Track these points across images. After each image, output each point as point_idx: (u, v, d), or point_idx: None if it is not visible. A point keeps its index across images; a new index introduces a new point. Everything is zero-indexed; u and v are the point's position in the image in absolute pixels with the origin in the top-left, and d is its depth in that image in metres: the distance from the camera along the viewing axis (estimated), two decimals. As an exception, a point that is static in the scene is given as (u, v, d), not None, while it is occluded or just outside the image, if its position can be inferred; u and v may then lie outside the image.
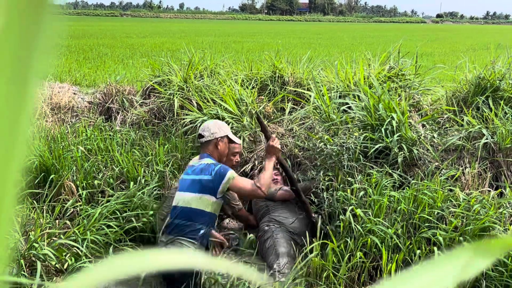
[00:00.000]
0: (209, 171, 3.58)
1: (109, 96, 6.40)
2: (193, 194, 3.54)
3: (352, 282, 3.30)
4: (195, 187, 3.55)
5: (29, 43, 0.27)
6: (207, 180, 3.56)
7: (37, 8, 0.27)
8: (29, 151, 4.19)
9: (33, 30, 0.27)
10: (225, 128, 3.92)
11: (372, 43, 23.03)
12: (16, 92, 0.27)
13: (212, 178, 3.55)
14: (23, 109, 0.28)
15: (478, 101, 4.66)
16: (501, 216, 3.45)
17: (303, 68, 5.86)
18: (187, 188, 3.58)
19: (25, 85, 0.27)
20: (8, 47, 0.26)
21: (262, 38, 27.90)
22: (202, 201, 3.53)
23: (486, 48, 17.15)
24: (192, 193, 3.54)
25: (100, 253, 3.61)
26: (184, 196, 3.56)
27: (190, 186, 3.58)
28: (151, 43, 21.26)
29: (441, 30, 52.37)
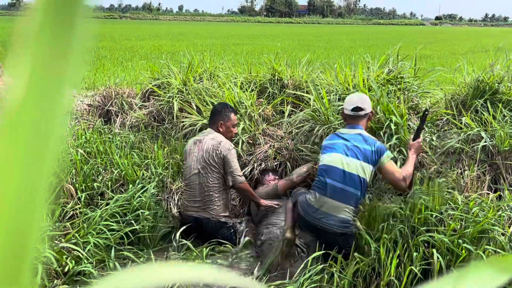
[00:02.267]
0: (371, 143, 3.79)
1: (108, 98, 6.40)
2: (359, 161, 3.75)
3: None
4: (359, 154, 3.76)
5: (63, 48, 0.27)
6: (369, 150, 3.76)
7: (71, 11, 0.27)
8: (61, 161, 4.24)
9: (67, 34, 0.27)
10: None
11: (371, 46, 23.06)
12: (50, 101, 0.28)
13: (374, 150, 3.76)
14: (57, 117, 0.28)
15: (476, 104, 4.67)
16: (500, 219, 3.45)
17: (302, 71, 5.86)
18: (351, 155, 3.78)
19: (59, 92, 0.28)
20: (42, 53, 0.27)
21: (261, 41, 27.93)
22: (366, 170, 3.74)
23: (485, 51, 17.18)
24: (357, 160, 3.75)
25: (101, 256, 3.61)
26: (349, 160, 3.77)
27: (355, 152, 3.77)
28: (150, 45, 21.28)
29: (440, 33, 52.44)
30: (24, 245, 0.29)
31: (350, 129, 3.91)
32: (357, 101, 3.92)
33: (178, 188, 4.67)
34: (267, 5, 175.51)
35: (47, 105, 0.28)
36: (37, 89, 0.27)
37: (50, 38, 0.27)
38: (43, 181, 0.29)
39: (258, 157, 4.77)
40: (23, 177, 0.28)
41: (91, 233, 3.68)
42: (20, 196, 0.28)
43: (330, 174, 3.77)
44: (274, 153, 4.77)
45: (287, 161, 4.75)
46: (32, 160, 0.28)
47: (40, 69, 0.27)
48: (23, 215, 0.29)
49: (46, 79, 0.27)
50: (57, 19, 0.27)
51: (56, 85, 0.28)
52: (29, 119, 0.27)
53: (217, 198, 4.21)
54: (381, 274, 3.32)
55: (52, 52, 0.27)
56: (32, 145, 0.28)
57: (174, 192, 4.64)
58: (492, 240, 3.33)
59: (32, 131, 0.28)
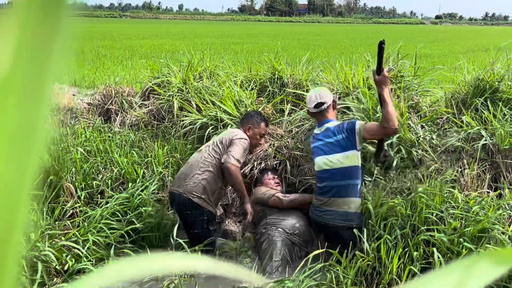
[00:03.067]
0: (341, 130, 3.86)
1: (108, 97, 6.40)
2: (339, 154, 3.83)
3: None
4: (335, 148, 3.85)
5: (46, 45, 0.27)
6: (342, 138, 3.83)
7: (55, 8, 0.27)
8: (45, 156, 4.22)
9: (50, 31, 0.27)
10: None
11: (371, 45, 23.05)
12: (33, 96, 0.27)
13: (347, 135, 3.81)
14: (40, 112, 0.28)
15: (477, 103, 4.67)
16: (500, 218, 3.45)
17: (302, 70, 5.86)
18: (329, 152, 3.87)
19: (42, 88, 0.28)
20: (25, 49, 0.27)
21: (261, 40, 27.92)
22: (351, 158, 3.80)
23: (485, 50, 17.17)
24: (336, 154, 3.84)
25: (101, 254, 3.61)
26: (330, 158, 3.86)
27: (332, 148, 3.86)
28: (150, 44, 21.27)
29: (440, 31, 52.43)
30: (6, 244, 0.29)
31: (320, 127, 4.03)
32: (316, 97, 4.02)
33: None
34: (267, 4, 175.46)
35: (30, 97, 0.27)
36: (19, 81, 0.27)
37: (32, 32, 0.26)
38: (27, 177, 0.28)
39: (258, 156, 4.77)
40: (6, 168, 0.28)
41: (91, 232, 3.68)
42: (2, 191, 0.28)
43: (322, 177, 3.90)
44: (274, 152, 4.76)
45: (287, 160, 4.74)
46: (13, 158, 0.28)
47: (23, 61, 0.27)
48: (5, 212, 0.28)
49: (29, 72, 0.27)
50: (39, 14, 0.26)
51: (39, 78, 0.27)
52: (11, 113, 0.27)
53: (199, 176, 4.02)
54: (381, 273, 3.32)
55: (33, 48, 0.27)
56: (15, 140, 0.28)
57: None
58: (493, 239, 3.33)
59: (16, 124, 0.27)
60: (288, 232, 4.08)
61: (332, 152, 3.85)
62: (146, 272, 0.37)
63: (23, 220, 0.29)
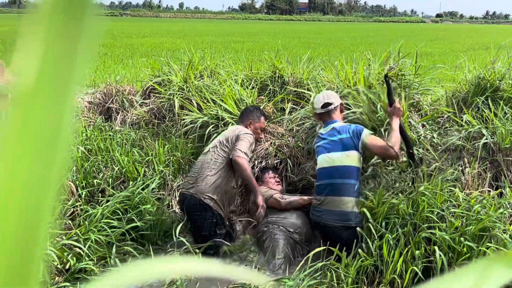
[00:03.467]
0: (346, 130, 3.92)
1: (109, 96, 6.40)
2: (340, 153, 3.86)
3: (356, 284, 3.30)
4: (338, 146, 3.89)
5: (72, 46, 0.27)
6: (346, 137, 3.89)
7: (80, 9, 0.27)
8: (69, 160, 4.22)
9: (75, 33, 0.27)
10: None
11: (372, 43, 23.04)
12: (59, 98, 0.27)
13: (351, 136, 3.87)
14: (65, 115, 0.28)
15: (478, 101, 4.67)
16: (501, 216, 3.45)
17: (303, 68, 5.86)
18: (331, 150, 3.91)
19: (68, 90, 0.28)
20: (51, 51, 0.26)
21: (262, 38, 27.91)
22: (351, 158, 3.84)
23: (486, 48, 17.16)
24: (338, 152, 3.87)
25: (102, 253, 3.61)
26: (330, 155, 3.89)
27: (335, 146, 3.90)
28: (150, 43, 21.27)
29: (441, 30, 52.39)
30: (33, 244, 0.29)
31: (327, 127, 4.05)
32: (323, 98, 4.10)
33: (179, 185, 4.67)
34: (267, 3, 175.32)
35: (55, 102, 0.28)
36: (44, 86, 0.27)
37: (57, 35, 0.26)
38: (53, 179, 0.28)
39: (258, 155, 4.77)
40: (31, 174, 0.28)
41: (92, 230, 3.68)
42: (29, 191, 0.28)
43: (322, 175, 3.91)
44: (275, 151, 4.76)
45: (287, 158, 4.74)
46: (40, 160, 0.28)
47: (47, 66, 0.27)
48: (31, 212, 0.28)
49: (54, 76, 0.27)
50: (65, 16, 0.26)
51: (64, 82, 0.27)
52: (37, 117, 0.27)
53: (210, 177, 4.04)
54: (383, 272, 3.32)
55: (59, 50, 0.27)
56: (40, 143, 0.28)
57: (175, 189, 4.64)
58: (494, 238, 3.32)
59: (41, 128, 0.27)
60: (290, 231, 4.09)
61: (334, 150, 3.88)
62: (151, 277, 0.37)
63: (47, 224, 0.29)
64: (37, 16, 0.26)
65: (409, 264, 3.26)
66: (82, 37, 0.27)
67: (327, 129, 4.03)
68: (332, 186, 3.80)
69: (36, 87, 0.27)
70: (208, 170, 4.08)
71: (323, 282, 3.29)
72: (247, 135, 4.18)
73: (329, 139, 3.95)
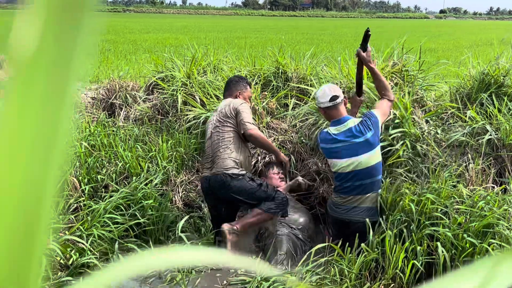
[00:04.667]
0: (367, 127, 3.76)
1: (112, 92, 6.40)
2: (367, 154, 3.75)
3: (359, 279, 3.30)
4: (364, 148, 3.74)
5: (69, 42, 0.26)
6: (371, 135, 3.75)
7: (77, 4, 0.26)
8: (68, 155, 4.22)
9: (73, 28, 0.26)
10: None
11: (376, 39, 22.98)
12: (55, 95, 0.27)
13: (374, 131, 3.75)
14: (63, 112, 0.27)
15: (482, 97, 4.65)
16: (505, 213, 3.43)
17: (306, 64, 5.85)
18: (357, 153, 3.75)
19: (65, 87, 0.27)
20: (47, 47, 0.26)
21: (265, 34, 27.86)
22: (377, 155, 3.80)
23: (490, 44, 17.10)
24: (365, 154, 3.74)
25: (105, 248, 3.62)
26: (357, 159, 3.75)
27: (360, 149, 3.75)
28: (154, 38, 21.26)
29: (445, 26, 52.21)
30: (32, 240, 0.28)
31: (339, 126, 3.83)
32: (330, 90, 3.87)
33: (182, 181, 4.67)
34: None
35: (53, 97, 0.27)
36: (43, 77, 0.26)
37: (55, 30, 0.26)
38: (52, 172, 0.28)
39: (262, 150, 4.76)
40: (30, 166, 0.27)
41: (95, 226, 3.69)
42: (28, 185, 0.28)
43: (344, 179, 3.80)
44: (278, 146, 4.76)
45: (291, 154, 4.74)
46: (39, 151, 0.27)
47: (45, 60, 0.26)
48: (30, 206, 0.28)
49: (52, 71, 0.27)
50: (63, 11, 0.26)
51: (62, 77, 0.27)
52: (35, 111, 0.27)
53: (224, 153, 4.04)
54: (385, 268, 3.31)
55: (57, 45, 0.26)
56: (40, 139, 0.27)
57: (178, 185, 4.64)
58: (498, 234, 3.31)
59: (39, 123, 0.27)
60: (292, 227, 4.09)
61: (360, 153, 3.73)
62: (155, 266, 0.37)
63: (48, 216, 0.29)
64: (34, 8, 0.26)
65: (411, 259, 3.25)
66: (80, 30, 0.27)
67: (340, 128, 3.81)
68: (361, 186, 3.74)
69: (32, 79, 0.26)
70: (220, 149, 4.06)
71: (326, 278, 3.30)
72: (244, 105, 4.17)
73: (351, 141, 3.75)
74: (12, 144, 0.27)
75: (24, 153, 0.27)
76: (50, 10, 0.26)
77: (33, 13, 0.26)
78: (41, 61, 0.26)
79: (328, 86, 3.99)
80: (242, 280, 3.46)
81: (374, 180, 3.76)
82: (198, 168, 4.97)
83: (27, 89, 0.26)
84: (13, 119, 0.27)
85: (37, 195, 0.28)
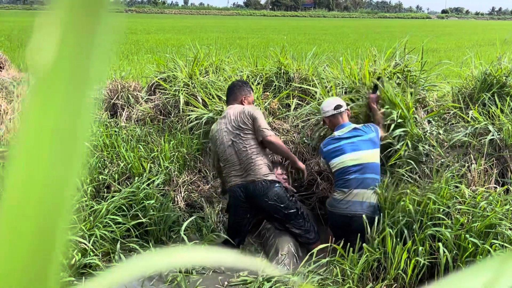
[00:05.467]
0: (369, 128, 4.03)
1: (115, 92, 6.40)
2: (370, 151, 3.95)
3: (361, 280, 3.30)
4: (367, 145, 3.95)
5: (89, 42, 0.26)
6: (374, 136, 4.00)
7: (96, 6, 0.26)
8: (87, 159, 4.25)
9: (92, 29, 0.26)
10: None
11: (378, 39, 22.98)
12: (75, 98, 0.27)
13: (376, 134, 4.01)
14: (82, 114, 0.28)
15: (484, 97, 4.65)
16: (507, 213, 3.43)
17: (308, 64, 5.85)
18: (360, 148, 3.93)
19: (85, 85, 0.27)
20: (68, 46, 0.26)
21: (267, 34, 27.87)
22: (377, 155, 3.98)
23: (492, 44, 17.07)
24: (367, 150, 3.94)
25: (107, 248, 3.63)
26: (360, 153, 3.92)
27: (363, 145, 3.95)
28: (156, 39, 21.27)
29: (447, 26, 52.16)
30: (52, 245, 0.29)
31: (342, 129, 4.04)
32: (334, 101, 4.14)
33: (185, 181, 4.67)
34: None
35: (73, 101, 0.27)
36: (63, 78, 0.27)
37: (75, 28, 0.26)
38: (72, 173, 0.28)
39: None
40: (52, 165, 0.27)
41: (98, 226, 3.69)
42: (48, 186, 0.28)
43: (348, 172, 3.88)
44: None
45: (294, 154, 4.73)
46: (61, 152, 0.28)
47: (66, 58, 0.26)
48: (50, 210, 0.28)
49: (71, 74, 0.27)
50: (82, 13, 0.26)
51: (81, 80, 0.27)
52: (54, 117, 0.27)
53: (258, 160, 4.04)
54: (387, 268, 3.31)
55: (76, 48, 0.26)
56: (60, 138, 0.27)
57: (181, 185, 4.65)
58: (500, 235, 3.31)
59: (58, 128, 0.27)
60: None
61: (364, 148, 3.91)
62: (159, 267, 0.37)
63: (68, 215, 0.29)
64: (53, 9, 0.26)
65: (413, 260, 3.25)
66: (99, 31, 0.27)
67: (345, 130, 4.02)
68: (362, 180, 3.83)
69: (52, 80, 0.26)
70: (252, 156, 4.05)
71: (328, 278, 3.30)
72: (258, 111, 4.19)
73: (356, 138, 3.95)
74: (33, 151, 0.27)
75: (45, 158, 0.27)
76: (69, 14, 0.26)
77: (51, 18, 0.26)
78: (61, 68, 0.26)
79: (332, 98, 4.31)
80: (243, 281, 3.46)
81: (375, 177, 3.86)
82: (200, 169, 4.97)
83: (48, 96, 0.27)
84: (34, 126, 0.27)
85: (57, 199, 0.28)
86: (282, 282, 3.27)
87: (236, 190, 4.07)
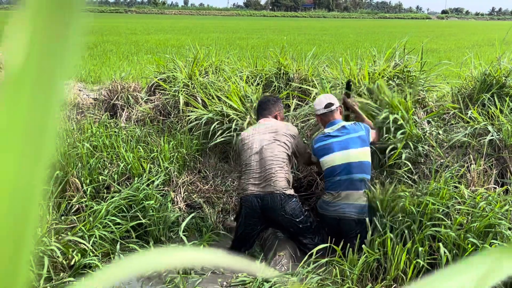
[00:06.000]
0: (359, 126, 4.02)
1: (114, 92, 6.40)
2: (358, 149, 3.93)
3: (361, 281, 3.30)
4: (355, 143, 3.94)
5: (59, 40, 0.27)
6: (363, 134, 3.98)
7: (67, 3, 0.27)
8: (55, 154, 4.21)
9: (61, 28, 0.27)
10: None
11: (377, 40, 22.97)
12: (45, 91, 0.27)
13: (366, 132, 4.00)
14: (51, 111, 0.28)
15: (483, 98, 4.65)
16: (507, 213, 3.43)
17: (308, 65, 5.85)
18: (348, 146, 3.91)
19: (54, 83, 0.27)
20: (37, 44, 0.26)
21: (266, 35, 27.85)
22: (366, 153, 3.97)
23: (492, 45, 17.07)
24: (355, 148, 3.93)
25: (107, 249, 3.63)
26: (348, 152, 3.92)
27: (352, 143, 3.94)
28: (155, 39, 21.26)
29: (446, 26, 52.13)
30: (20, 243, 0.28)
31: (333, 126, 4.04)
32: (325, 99, 4.13)
33: (184, 182, 4.67)
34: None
35: (42, 92, 0.27)
36: (31, 76, 0.27)
37: (45, 27, 0.26)
38: (40, 169, 0.28)
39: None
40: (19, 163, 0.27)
41: (97, 227, 3.69)
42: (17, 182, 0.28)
43: (336, 172, 3.87)
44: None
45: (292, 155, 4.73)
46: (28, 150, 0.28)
47: (35, 56, 0.27)
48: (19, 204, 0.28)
49: (41, 67, 0.27)
50: (52, 13, 0.26)
51: (51, 73, 0.27)
52: (23, 108, 0.27)
53: (280, 173, 3.99)
54: (387, 268, 3.31)
55: (47, 41, 0.27)
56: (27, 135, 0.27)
57: (180, 186, 4.65)
58: (499, 235, 3.31)
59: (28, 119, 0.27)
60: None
61: (352, 146, 3.89)
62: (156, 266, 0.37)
63: (35, 215, 0.29)
64: (24, 8, 0.26)
65: (413, 260, 3.25)
66: (69, 30, 0.27)
67: (334, 127, 4.01)
68: (350, 181, 3.82)
69: (20, 77, 0.27)
70: (276, 167, 4.00)
71: (327, 278, 3.30)
72: (298, 135, 4.28)
73: (344, 136, 3.94)
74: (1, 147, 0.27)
75: (13, 156, 0.27)
76: (39, 14, 0.26)
77: (22, 18, 0.26)
78: (29, 68, 0.26)
79: (324, 95, 4.27)
80: (242, 281, 3.46)
81: (364, 177, 3.84)
82: (200, 169, 4.97)
83: (15, 97, 0.27)
84: (1, 126, 0.27)
85: (26, 198, 0.28)
86: (281, 282, 3.27)
87: (252, 199, 3.98)
